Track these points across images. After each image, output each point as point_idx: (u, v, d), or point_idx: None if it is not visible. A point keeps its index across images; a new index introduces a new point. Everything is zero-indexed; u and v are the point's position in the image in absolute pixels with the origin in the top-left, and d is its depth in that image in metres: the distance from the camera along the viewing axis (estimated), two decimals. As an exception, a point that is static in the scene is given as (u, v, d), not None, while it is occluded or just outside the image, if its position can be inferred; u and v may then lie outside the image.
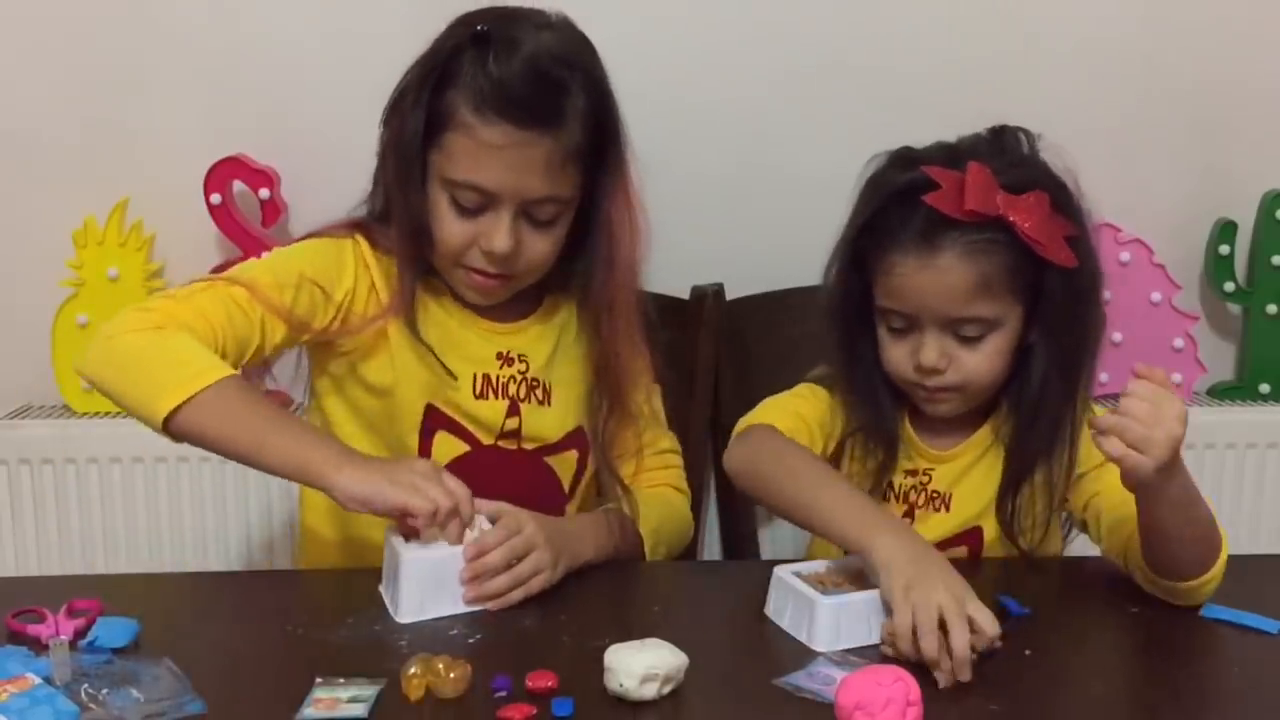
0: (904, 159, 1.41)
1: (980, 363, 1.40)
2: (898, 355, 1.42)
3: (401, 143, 1.44)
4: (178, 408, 1.27)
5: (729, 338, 1.77)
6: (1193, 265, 2.10)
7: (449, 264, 1.47)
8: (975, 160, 1.35)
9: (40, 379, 2.00)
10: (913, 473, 1.48)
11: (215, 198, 1.94)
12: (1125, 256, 2.03)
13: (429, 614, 1.27)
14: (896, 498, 1.49)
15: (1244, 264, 2.09)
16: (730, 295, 1.77)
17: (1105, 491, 1.39)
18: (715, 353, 1.74)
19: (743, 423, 1.47)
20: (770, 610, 1.27)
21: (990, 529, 1.46)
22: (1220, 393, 2.12)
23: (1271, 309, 2.07)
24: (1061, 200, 1.38)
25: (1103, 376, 2.07)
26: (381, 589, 1.32)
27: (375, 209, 1.50)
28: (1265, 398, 2.10)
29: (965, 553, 1.46)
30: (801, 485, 1.35)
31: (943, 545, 1.43)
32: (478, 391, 1.50)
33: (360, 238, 1.49)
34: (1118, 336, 2.05)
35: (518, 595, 1.30)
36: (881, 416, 1.46)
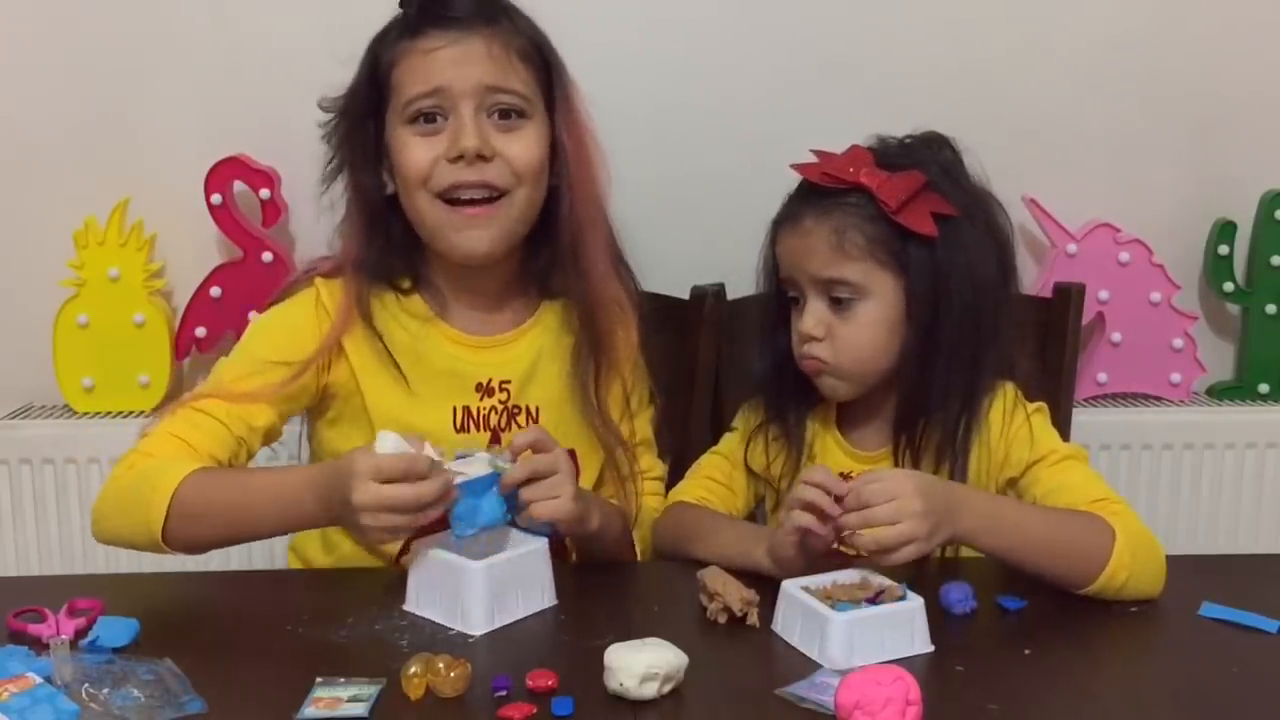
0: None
1: (853, 334, 1.43)
2: (794, 329, 1.47)
3: (351, 125, 1.47)
4: (165, 525, 1.32)
5: (729, 338, 1.76)
6: (1192, 265, 2.09)
7: (427, 201, 1.44)
8: (897, 157, 1.44)
9: (41, 379, 2.00)
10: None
11: (216, 198, 1.94)
12: (1125, 256, 2.03)
13: (503, 620, 1.26)
14: None
15: (1243, 264, 2.09)
16: (730, 295, 1.77)
17: (1041, 496, 1.41)
18: (715, 353, 1.74)
19: (670, 496, 1.57)
20: (779, 627, 1.24)
21: None
22: (1219, 393, 2.12)
23: (1270, 309, 2.07)
24: (943, 187, 1.43)
25: (1101, 376, 2.07)
26: (411, 606, 1.29)
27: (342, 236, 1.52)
28: (1264, 397, 2.10)
29: None
30: (708, 543, 1.43)
31: None
32: (458, 425, 1.49)
33: (320, 281, 1.49)
34: (1117, 336, 2.05)
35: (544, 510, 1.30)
36: (783, 400, 1.51)
